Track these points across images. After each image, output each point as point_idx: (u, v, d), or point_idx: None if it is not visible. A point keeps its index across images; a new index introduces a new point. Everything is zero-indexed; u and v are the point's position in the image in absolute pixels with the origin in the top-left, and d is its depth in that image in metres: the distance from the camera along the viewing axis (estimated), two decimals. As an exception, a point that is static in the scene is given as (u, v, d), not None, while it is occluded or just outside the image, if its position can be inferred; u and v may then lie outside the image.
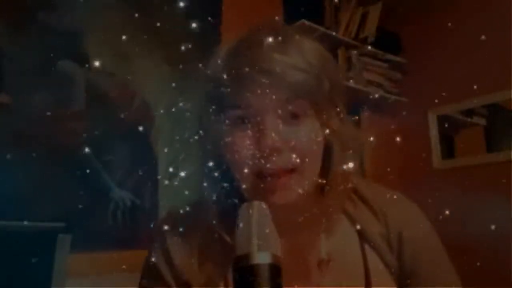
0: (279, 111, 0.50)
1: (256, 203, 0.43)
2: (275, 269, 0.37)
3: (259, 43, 0.51)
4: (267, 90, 0.49)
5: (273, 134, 0.48)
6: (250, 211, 0.42)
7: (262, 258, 0.37)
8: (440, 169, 2.16)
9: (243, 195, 0.54)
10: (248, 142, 0.50)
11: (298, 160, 0.50)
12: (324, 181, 0.55)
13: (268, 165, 0.49)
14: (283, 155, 0.49)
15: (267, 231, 0.40)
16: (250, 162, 0.50)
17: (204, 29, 1.66)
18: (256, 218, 0.41)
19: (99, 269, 1.24)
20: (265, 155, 0.49)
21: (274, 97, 0.49)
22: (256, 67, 0.49)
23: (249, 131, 0.51)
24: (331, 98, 0.53)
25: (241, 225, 0.42)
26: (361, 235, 0.59)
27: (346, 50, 2.12)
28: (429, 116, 2.22)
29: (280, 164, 0.49)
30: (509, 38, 1.83)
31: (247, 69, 0.49)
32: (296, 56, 0.50)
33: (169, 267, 0.57)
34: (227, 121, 0.52)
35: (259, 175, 0.50)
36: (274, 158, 0.49)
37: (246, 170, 0.50)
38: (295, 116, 0.51)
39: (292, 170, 0.50)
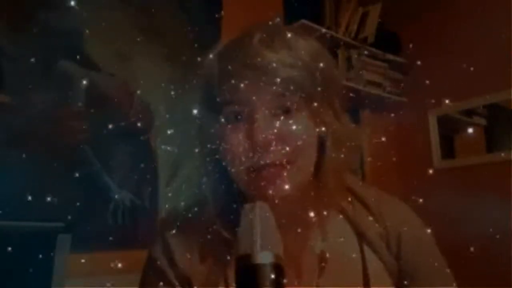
0: (271, 106, 0.51)
1: (258, 203, 0.44)
2: (278, 269, 0.37)
3: (251, 40, 0.52)
4: (259, 86, 0.50)
5: (263, 129, 0.49)
6: (253, 211, 0.42)
7: (264, 258, 0.37)
8: (440, 169, 2.16)
9: (240, 191, 0.55)
10: (241, 137, 0.51)
11: (290, 154, 0.51)
12: (317, 175, 0.55)
13: (260, 159, 0.50)
14: (275, 149, 0.50)
15: (269, 231, 0.40)
16: (244, 157, 0.51)
17: (204, 30, 1.66)
18: (259, 218, 0.41)
19: (99, 269, 1.24)
20: (257, 149, 0.50)
21: (265, 92, 0.50)
22: (247, 63, 0.50)
23: (242, 127, 0.52)
24: (324, 94, 0.54)
25: (243, 225, 0.42)
26: (360, 235, 0.59)
27: (346, 50, 2.12)
28: (429, 116, 2.23)
29: (272, 158, 0.50)
30: (509, 38, 1.83)
31: (238, 66, 0.50)
32: (287, 52, 0.51)
33: (170, 265, 0.57)
34: (222, 117, 0.53)
35: (253, 169, 0.51)
36: (266, 153, 0.50)
37: (240, 165, 0.51)
38: (287, 111, 0.52)
39: (284, 164, 0.51)
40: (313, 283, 0.55)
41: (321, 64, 0.54)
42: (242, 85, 0.50)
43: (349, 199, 0.62)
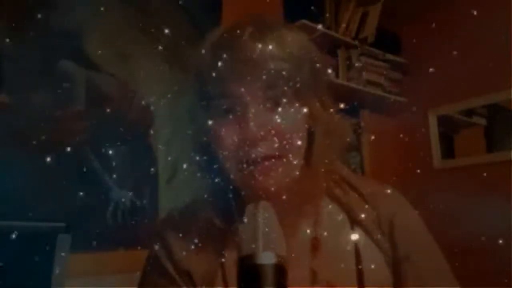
0: (261, 99, 0.52)
1: (262, 203, 0.44)
2: (280, 270, 0.37)
3: (240, 34, 0.52)
4: (249, 79, 0.51)
5: (255, 123, 0.50)
6: (256, 211, 0.43)
7: (267, 259, 0.37)
8: (440, 169, 2.16)
9: (235, 186, 0.57)
10: (233, 130, 0.52)
11: (282, 146, 0.52)
12: (307, 165, 0.56)
13: (252, 153, 0.51)
14: (266, 142, 0.51)
15: (272, 231, 0.41)
16: (236, 151, 0.52)
17: (204, 30, 1.66)
18: (262, 218, 0.42)
19: (99, 269, 1.24)
20: (248, 143, 0.50)
21: (255, 85, 0.51)
22: (238, 57, 0.51)
23: (234, 120, 0.53)
24: (312, 86, 0.55)
25: (246, 224, 0.42)
26: (352, 220, 0.60)
27: (346, 50, 2.12)
28: (429, 116, 2.22)
29: (264, 151, 0.51)
30: (509, 38, 1.83)
31: (227, 59, 0.51)
32: (276, 45, 0.52)
33: (170, 261, 0.59)
34: (213, 111, 0.54)
35: (245, 162, 0.52)
36: (257, 146, 0.50)
37: (233, 159, 0.52)
38: (277, 104, 0.53)
39: (276, 156, 0.52)
40: (307, 268, 0.56)
41: (309, 57, 0.55)
42: (232, 78, 0.51)
43: (343, 187, 0.63)
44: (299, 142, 0.54)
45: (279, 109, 0.53)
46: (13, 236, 0.97)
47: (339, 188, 0.63)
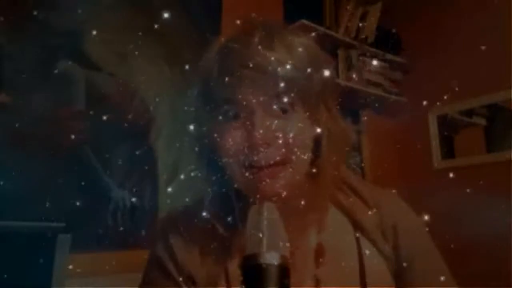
0: (268, 106, 0.52)
1: (266, 204, 0.44)
2: (283, 270, 0.38)
3: (248, 40, 0.52)
4: (256, 86, 0.50)
5: (262, 129, 0.50)
6: (261, 212, 0.43)
7: (270, 259, 0.38)
8: (440, 169, 2.16)
9: (238, 190, 0.57)
10: (239, 136, 0.52)
11: (287, 153, 0.52)
12: (314, 171, 0.56)
13: (258, 159, 0.51)
14: (272, 148, 0.51)
15: (276, 232, 0.41)
16: (241, 156, 0.51)
17: (204, 30, 1.66)
18: (266, 219, 0.42)
19: (99, 269, 1.24)
20: (254, 149, 0.50)
21: (263, 92, 0.51)
22: (244, 64, 0.50)
23: (240, 126, 0.52)
24: (320, 93, 0.55)
25: (251, 225, 0.43)
26: (356, 225, 0.60)
27: (346, 50, 2.12)
28: (429, 116, 2.22)
29: (269, 157, 0.51)
30: (509, 38, 1.83)
31: (236, 65, 0.51)
32: (284, 52, 0.52)
33: (173, 262, 0.58)
34: (219, 116, 0.54)
35: (250, 168, 0.52)
36: (263, 152, 0.50)
37: (237, 164, 0.52)
38: (284, 111, 0.53)
39: (281, 162, 0.52)
40: (311, 275, 0.56)
41: (318, 65, 0.55)
42: (240, 85, 0.51)
43: (346, 192, 0.63)
44: (304, 149, 0.53)
45: (286, 116, 0.52)
46: (13, 236, 0.97)
47: (341, 193, 0.62)
